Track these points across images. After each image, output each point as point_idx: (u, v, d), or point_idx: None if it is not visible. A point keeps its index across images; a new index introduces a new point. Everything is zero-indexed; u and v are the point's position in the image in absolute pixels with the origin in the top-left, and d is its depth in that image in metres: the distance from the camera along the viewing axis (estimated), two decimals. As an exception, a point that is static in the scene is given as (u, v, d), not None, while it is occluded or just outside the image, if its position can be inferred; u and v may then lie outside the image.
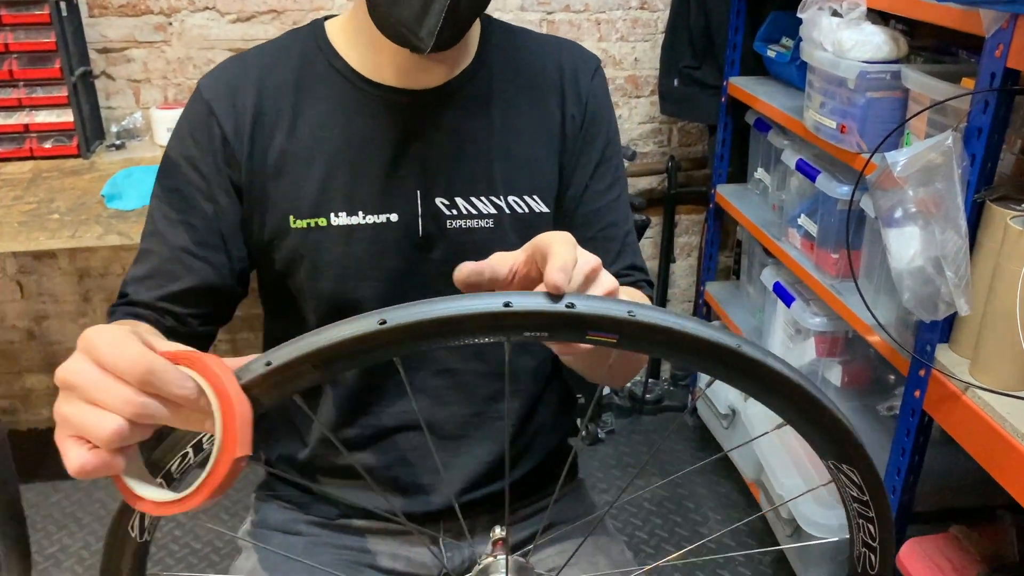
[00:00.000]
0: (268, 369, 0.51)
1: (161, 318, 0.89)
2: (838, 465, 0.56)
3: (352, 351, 0.51)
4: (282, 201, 0.90)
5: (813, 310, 1.85)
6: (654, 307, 0.52)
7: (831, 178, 1.72)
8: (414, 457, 0.98)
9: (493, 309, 0.50)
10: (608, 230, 0.99)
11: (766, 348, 0.54)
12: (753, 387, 0.54)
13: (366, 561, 1.00)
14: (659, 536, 2.14)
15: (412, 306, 0.51)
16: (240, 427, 0.50)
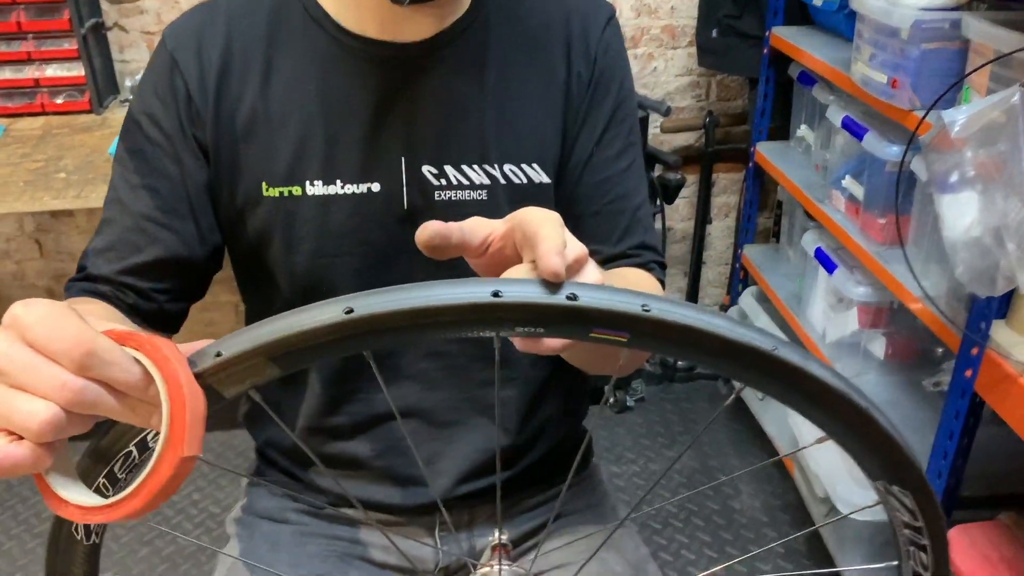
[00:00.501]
0: (218, 361, 0.44)
1: (122, 294, 0.81)
2: (887, 487, 0.48)
3: (312, 344, 0.44)
4: (254, 166, 0.82)
5: (857, 278, 1.73)
6: (673, 300, 0.44)
7: (880, 137, 1.59)
8: (407, 445, 0.90)
9: (479, 299, 0.43)
10: (616, 203, 0.89)
11: (806, 352, 0.45)
12: (791, 397, 0.46)
13: (357, 553, 0.93)
14: (688, 509, 2.06)
15: (384, 293, 0.44)
16: (191, 422, 0.42)
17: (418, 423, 0.90)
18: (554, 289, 0.43)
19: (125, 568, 1.91)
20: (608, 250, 0.89)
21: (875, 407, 0.46)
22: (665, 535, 1.99)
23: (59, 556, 0.56)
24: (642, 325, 0.43)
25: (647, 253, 0.91)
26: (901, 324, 1.75)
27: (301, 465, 0.95)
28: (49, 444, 0.42)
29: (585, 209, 0.88)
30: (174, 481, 0.43)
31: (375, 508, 0.93)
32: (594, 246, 0.88)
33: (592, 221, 0.89)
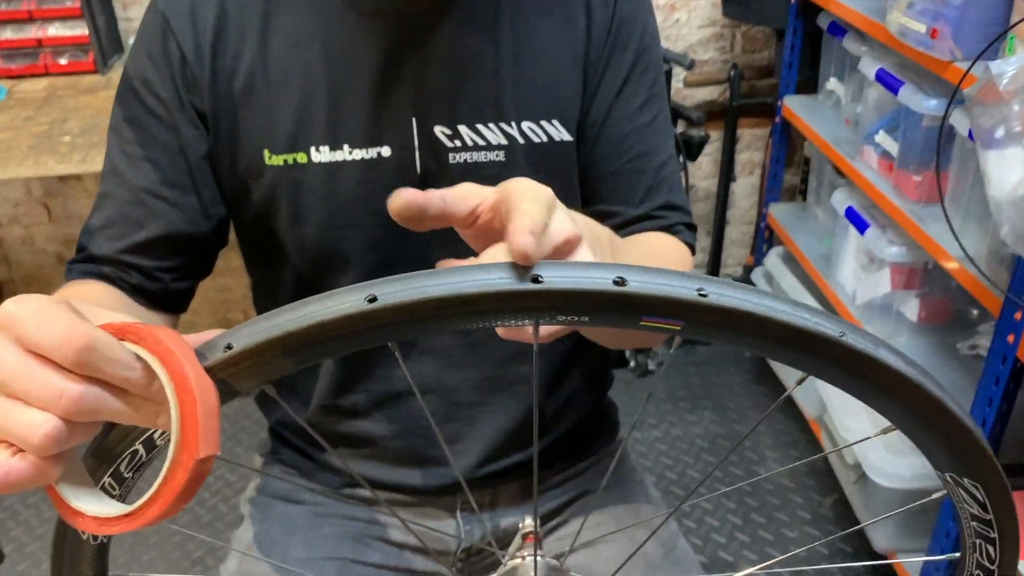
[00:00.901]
0: (230, 355, 0.40)
1: (126, 274, 0.76)
2: (957, 479, 0.45)
3: (331, 336, 0.40)
4: (254, 133, 0.76)
5: (890, 238, 1.66)
6: (731, 283, 0.39)
7: (916, 90, 1.51)
8: (427, 425, 0.85)
9: (517, 286, 0.38)
10: (637, 161, 0.82)
11: (875, 337, 0.40)
12: (857, 386, 0.41)
13: (375, 533, 0.90)
14: (713, 475, 2.02)
15: (410, 279, 0.39)
16: (203, 419, 0.38)
17: (438, 401, 0.85)
18: (598, 273, 0.39)
19: (135, 555, 1.89)
20: (630, 211, 0.84)
21: (949, 395, 0.42)
22: (689, 502, 1.95)
23: (66, 559, 0.52)
24: (698, 312, 0.38)
25: (673, 214, 0.85)
26: (935, 285, 1.68)
27: (316, 445, 0.91)
28: (55, 455, 0.39)
29: (604, 168, 0.82)
30: (192, 484, 0.39)
31: (393, 489, 0.89)
32: (615, 207, 0.83)
33: (612, 181, 0.83)
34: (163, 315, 0.80)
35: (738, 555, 1.81)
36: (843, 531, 1.84)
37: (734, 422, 2.18)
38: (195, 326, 2.44)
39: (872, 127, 1.70)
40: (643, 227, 0.84)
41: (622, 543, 0.90)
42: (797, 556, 1.80)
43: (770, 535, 1.86)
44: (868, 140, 1.71)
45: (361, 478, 0.89)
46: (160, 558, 1.84)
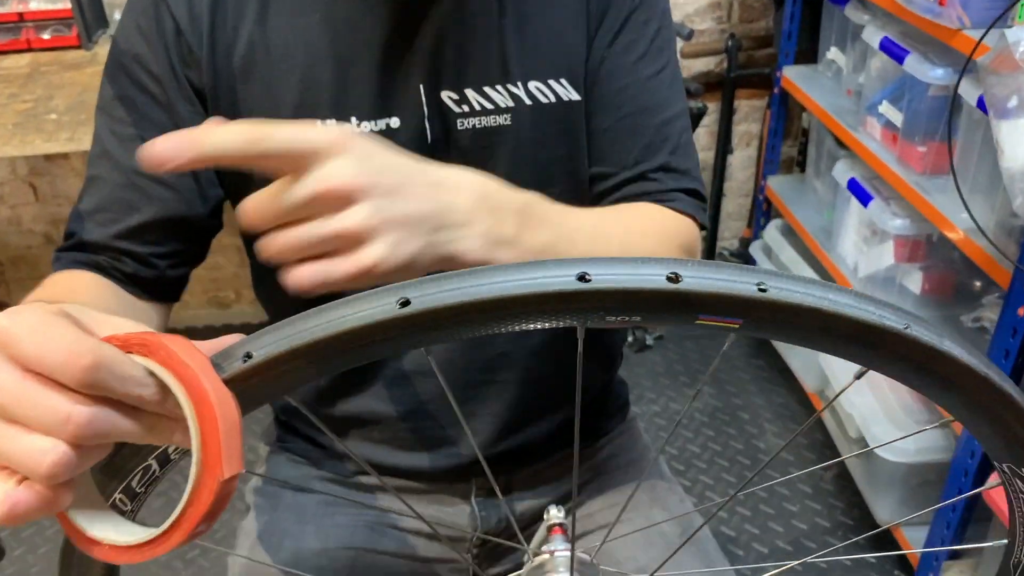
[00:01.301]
0: (250, 365, 0.38)
1: (119, 262, 0.73)
2: (1016, 470, 0.43)
3: (361, 344, 0.37)
4: (255, 108, 0.72)
5: (893, 210, 1.65)
6: (790, 276, 0.37)
7: (923, 59, 1.49)
8: (436, 405, 0.83)
9: (563, 286, 0.36)
10: (634, 117, 0.77)
11: (939, 328, 0.38)
12: (920, 379, 0.40)
13: (387, 521, 0.87)
14: (712, 450, 2.01)
15: (445, 280, 0.37)
16: (225, 436, 0.36)
17: (447, 382, 0.83)
18: (650, 270, 0.36)
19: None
20: (623, 173, 0.78)
21: (1013, 386, 0.40)
22: (689, 476, 1.94)
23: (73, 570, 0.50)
24: (758, 309, 0.36)
25: (670, 178, 0.78)
26: (938, 258, 1.67)
27: (321, 430, 0.88)
28: (64, 483, 0.36)
29: (599, 124, 0.77)
30: (218, 506, 0.37)
31: (404, 475, 0.86)
32: (608, 168, 0.78)
33: (605, 138, 0.78)
34: (157, 305, 0.76)
35: (740, 529, 1.81)
36: (845, 506, 1.84)
37: (732, 395, 2.17)
38: (187, 305, 2.40)
39: (875, 97, 1.68)
40: (631, 192, 0.78)
41: (638, 523, 0.88)
42: (800, 531, 1.80)
43: (771, 509, 1.86)
44: (871, 111, 1.69)
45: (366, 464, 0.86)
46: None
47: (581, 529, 0.89)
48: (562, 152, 0.78)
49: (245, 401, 0.39)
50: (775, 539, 1.79)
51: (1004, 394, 0.40)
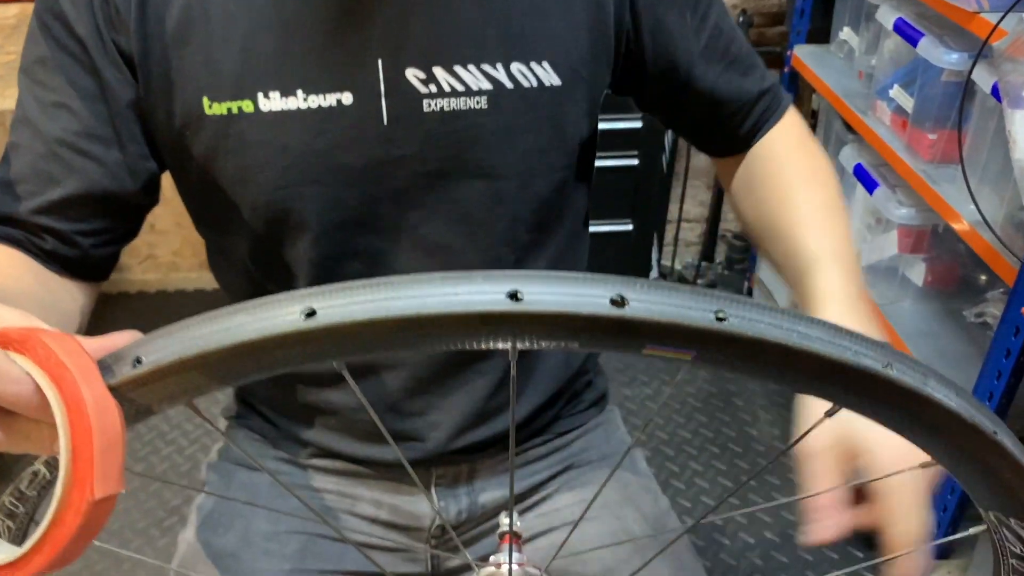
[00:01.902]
0: (139, 372, 0.33)
1: (38, 239, 0.68)
2: (1004, 519, 0.40)
3: (259, 356, 0.33)
4: (191, 77, 0.66)
5: (899, 198, 1.59)
6: (755, 306, 0.32)
7: (937, 43, 1.43)
8: (399, 398, 0.79)
9: (491, 307, 0.31)
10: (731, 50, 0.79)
11: (924, 366, 0.34)
12: (901, 423, 0.36)
13: (344, 507, 0.84)
14: (703, 436, 1.97)
15: (358, 290, 0.32)
16: (101, 452, 0.32)
17: (409, 375, 0.78)
18: (592, 290, 0.32)
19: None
20: (752, 95, 0.81)
21: (1004, 431, 0.36)
22: (678, 462, 1.91)
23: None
24: (715, 341, 0.32)
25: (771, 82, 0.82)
26: (943, 249, 1.62)
27: (280, 414, 0.84)
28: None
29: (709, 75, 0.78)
30: (87, 530, 0.32)
31: (363, 463, 0.83)
32: (740, 101, 0.80)
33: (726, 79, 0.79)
34: (82, 284, 0.71)
35: (727, 518, 1.78)
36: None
37: (727, 381, 2.13)
38: (176, 267, 2.37)
39: (887, 80, 1.61)
40: (760, 112, 0.81)
41: (607, 520, 0.85)
42: (789, 522, 1.76)
43: (760, 499, 1.82)
44: (882, 94, 1.63)
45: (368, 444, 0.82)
46: (135, 507, 1.80)
47: (547, 525, 0.85)
48: (544, 140, 0.73)
49: (136, 410, 0.35)
50: (762, 529, 1.75)
51: (996, 445, 0.35)
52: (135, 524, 1.76)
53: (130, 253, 2.31)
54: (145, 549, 1.70)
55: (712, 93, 0.79)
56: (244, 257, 0.76)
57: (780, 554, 1.70)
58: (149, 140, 0.70)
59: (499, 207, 0.73)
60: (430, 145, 0.69)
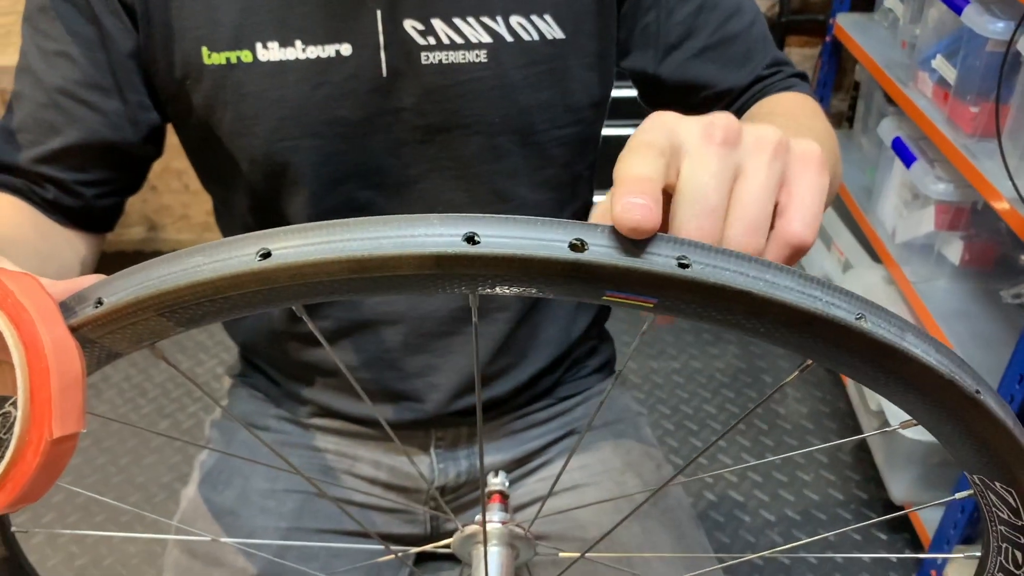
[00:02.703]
0: (99, 312, 0.34)
1: (40, 187, 0.68)
2: (989, 482, 0.38)
3: (214, 298, 0.33)
4: (191, 27, 0.66)
5: (937, 173, 1.54)
6: (720, 252, 0.31)
7: (983, 11, 1.37)
8: (397, 356, 0.78)
9: (446, 248, 0.31)
10: (723, 29, 0.74)
11: (900, 320, 0.33)
12: (875, 378, 0.34)
13: (343, 467, 0.84)
14: (729, 411, 1.95)
15: (314, 232, 0.32)
16: (59, 391, 0.32)
17: (408, 332, 0.78)
18: (551, 234, 0.31)
19: (114, 456, 1.89)
20: (740, 80, 0.75)
21: (988, 390, 0.34)
22: (701, 437, 1.89)
23: None
24: (677, 288, 0.31)
25: (780, 71, 0.77)
26: (982, 227, 1.57)
27: (282, 372, 0.84)
28: None
29: (689, 51, 0.74)
30: (47, 471, 0.32)
31: (362, 423, 0.83)
32: (721, 85, 0.75)
33: (701, 61, 0.74)
34: (84, 235, 0.72)
35: (749, 495, 1.76)
36: (861, 480, 1.77)
37: (756, 357, 2.09)
38: (211, 227, 2.39)
39: (930, 51, 1.56)
40: (753, 96, 0.76)
41: (607, 485, 0.84)
42: (811, 502, 1.74)
43: (784, 477, 1.80)
44: (924, 65, 1.57)
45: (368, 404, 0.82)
46: (134, 463, 1.83)
47: (546, 489, 0.85)
48: (546, 96, 0.72)
49: (100, 352, 0.35)
50: (784, 508, 1.73)
51: (976, 403, 0.34)
52: (135, 479, 1.79)
53: (164, 213, 2.34)
54: (144, 505, 1.73)
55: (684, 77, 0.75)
56: (245, 213, 0.76)
57: (800, 532, 1.68)
58: (150, 91, 0.70)
59: (497, 163, 0.72)
60: (428, 98, 0.68)
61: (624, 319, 1.96)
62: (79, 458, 1.83)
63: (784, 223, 0.36)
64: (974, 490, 0.40)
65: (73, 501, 1.73)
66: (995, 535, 0.42)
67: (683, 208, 0.35)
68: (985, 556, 0.45)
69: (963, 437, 0.36)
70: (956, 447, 0.37)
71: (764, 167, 0.36)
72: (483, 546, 0.55)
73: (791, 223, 0.36)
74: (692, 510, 0.87)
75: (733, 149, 0.36)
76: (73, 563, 1.62)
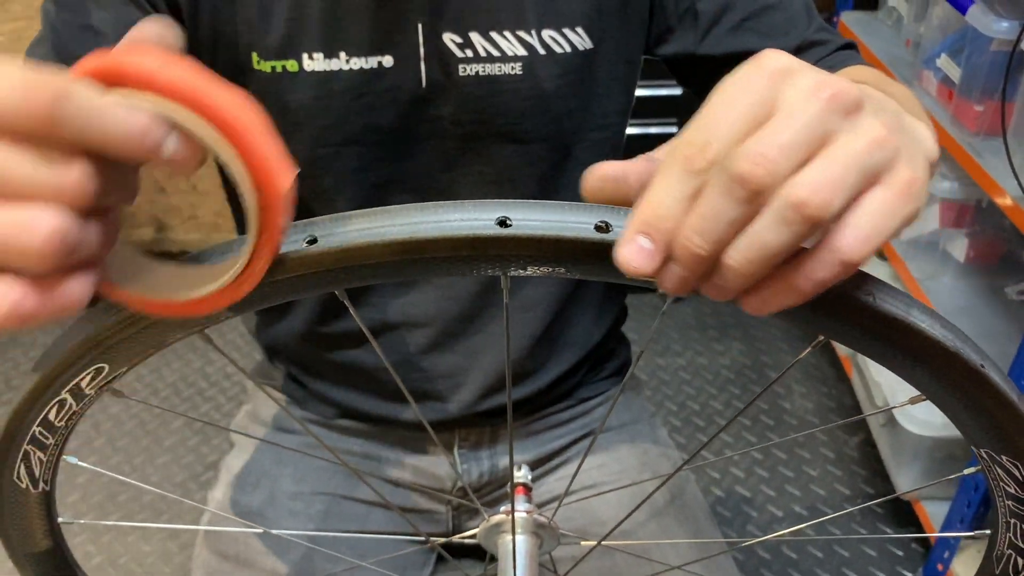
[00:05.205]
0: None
1: None
2: (995, 455, 0.40)
3: (265, 282, 0.35)
4: (242, 32, 0.68)
5: (942, 171, 1.56)
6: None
7: (987, 10, 1.38)
8: (426, 359, 0.80)
9: (480, 230, 0.34)
10: (759, 2, 0.72)
11: (908, 297, 0.35)
12: (883, 351, 0.37)
13: (368, 468, 0.86)
14: (735, 407, 1.97)
15: (357, 219, 0.35)
16: (264, 146, 0.31)
17: (435, 333, 0.80)
18: (578, 217, 0.34)
19: (150, 455, 1.90)
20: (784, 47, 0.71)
21: (991, 364, 0.36)
22: (708, 432, 1.91)
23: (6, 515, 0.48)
24: None
25: (830, 40, 0.73)
26: (987, 224, 1.58)
27: (308, 372, 0.86)
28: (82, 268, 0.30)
29: (727, 24, 0.72)
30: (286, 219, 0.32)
31: (387, 423, 0.84)
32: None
33: (742, 32, 0.73)
34: None
35: (756, 490, 1.78)
36: (868, 475, 1.79)
37: (761, 352, 2.11)
38: (219, 228, 2.41)
39: (934, 49, 1.57)
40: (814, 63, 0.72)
41: (625, 483, 0.86)
42: (818, 496, 1.76)
43: (790, 471, 1.82)
44: (928, 64, 1.58)
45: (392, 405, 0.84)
46: (173, 461, 1.85)
47: (565, 488, 0.86)
48: (576, 104, 0.74)
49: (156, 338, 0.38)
50: (791, 502, 1.75)
51: (979, 375, 0.36)
52: (174, 478, 1.81)
53: (173, 214, 2.35)
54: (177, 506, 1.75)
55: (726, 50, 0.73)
56: None
57: (808, 528, 1.70)
58: None
59: (529, 168, 0.74)
60: (465, 108, 0.70)
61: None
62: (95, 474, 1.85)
63: (838, 229, 0.30)
64: (981, 465, 0.42)
65: (89, 500, 1.75)
66: (1004, 511, 0.44)
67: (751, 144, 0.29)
68: (995, 533, 0.46)
69: (969, 411, 0.38)
70: (963, 421, 0.39)
71: (862, 151, 0.30)
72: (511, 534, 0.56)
73: (844, 235, 0.30)
74: (707, 507, 0.89)
75: (840, 115, 0.30)
76: (90, 562, 1.64)
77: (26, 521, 0.49)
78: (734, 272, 0.30)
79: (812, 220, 0.29)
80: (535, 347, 0.82)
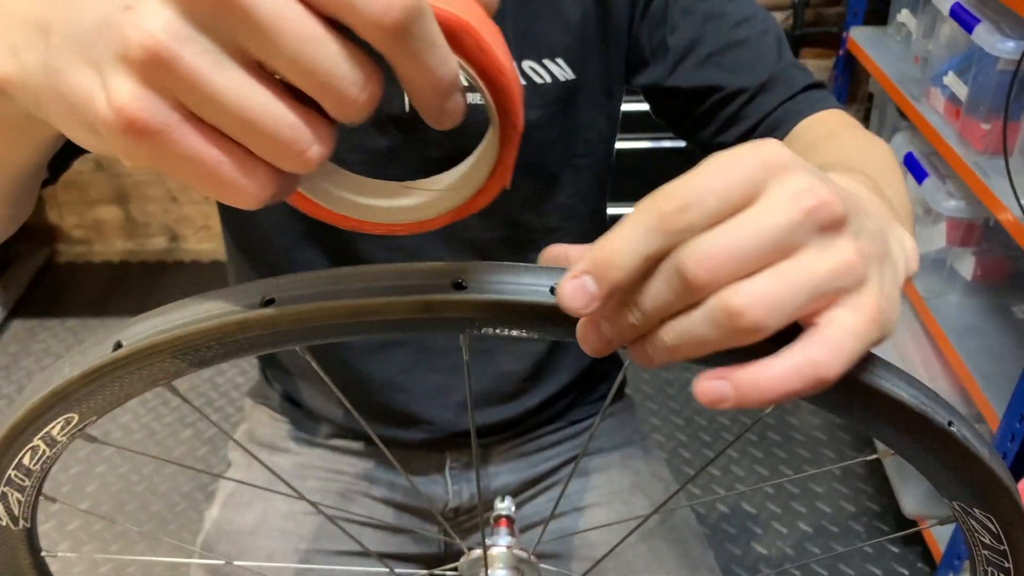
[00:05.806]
0: (119, 355, 0.36)
1: None
2: (968, 509, 0.40)
3: (223, 341, 0.36)
4: None
5: (949, 189, 1.55)
6: None
7: (993, 29, 1.38)
8: (409, 378, 0.81)
9: (434, 296, 0.34)
10: (727, 37, 0.72)
11: (872, 353, 0.35)
12: (847, 410, 0.36)
13: (359, 489, 0.86)
14: (741, 423, 1.96)
15: (313, 281, 0.35)
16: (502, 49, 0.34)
17: (419, 352, 0.80)
18: (534, 279, 0.34)
19: (158, 466, 1.92)
20: (749, 82, 0.73)
21: (960, 419, 0.36)
22: (714, 448, 1.90)
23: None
24: None
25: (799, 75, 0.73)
26: (994, 243, 1.57)
27: (300, 394, 0.87)
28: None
29: (695, 59, 0.73)
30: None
31: (374, 443, 0.85)
32: (728, 88, 0.73)
33: (708, 66, 0.73)
34: None
35: (761, 507, 1.77)
36: (873, 492, 1.78)
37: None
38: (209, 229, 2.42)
39: (941, 67, 1.57)
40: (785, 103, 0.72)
41: (615, 506, 0.86)
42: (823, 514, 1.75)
43: (796, 489, 1.81)
44: (936, 81, 1.58)
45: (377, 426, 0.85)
46: (180, 472, 1.87)
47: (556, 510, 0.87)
48: (557, 133, 0.75)
49: (119, 393, 0.38)
50: (796, 520, 1.74)
51: (947, 435, 0.35)
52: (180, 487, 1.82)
53: (185, 223, 2.37)
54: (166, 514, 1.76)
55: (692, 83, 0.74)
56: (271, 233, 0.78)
57: (813, 545, 1.69)
58: None
59: (514, 193, 0.75)
60: (446, 134, 0.71)
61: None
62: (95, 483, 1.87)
63: (814, 344, 0.29)
64: (955, 516, 0.42)
65: (89, 529, 1.77)
66: (980, 559, 0.43)
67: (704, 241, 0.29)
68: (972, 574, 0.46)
69: (939, 467, 0.38)
70: (933, 475, 0.39)
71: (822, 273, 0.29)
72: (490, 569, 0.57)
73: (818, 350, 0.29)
74: (700, 530, 0.89)
75: (814, 229, 0.29)
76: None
77: (10, 555, 0.50)
78: (664, 347, 0.31)
79: (744, 332, 0.29)
80: (525, 369, 0.83)
